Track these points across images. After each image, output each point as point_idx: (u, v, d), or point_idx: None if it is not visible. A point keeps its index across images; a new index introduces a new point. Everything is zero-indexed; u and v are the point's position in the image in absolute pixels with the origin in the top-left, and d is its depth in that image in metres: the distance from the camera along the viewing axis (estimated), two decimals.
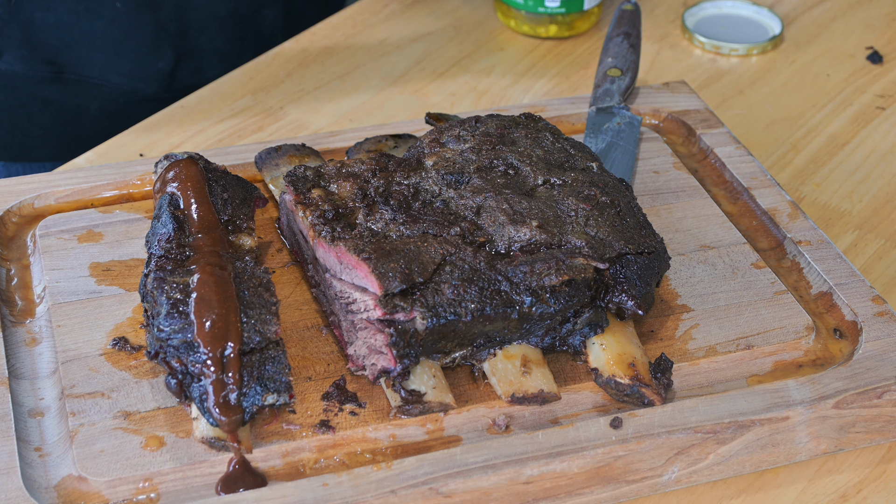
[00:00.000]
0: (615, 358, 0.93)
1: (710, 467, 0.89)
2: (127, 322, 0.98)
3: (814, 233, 1.08)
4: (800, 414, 0.90)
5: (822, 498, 0.90)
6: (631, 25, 1.31)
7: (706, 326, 0.99)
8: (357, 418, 0.91)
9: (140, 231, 1.07)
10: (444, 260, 0.92)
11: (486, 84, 1.38)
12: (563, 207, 0.98)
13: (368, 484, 0.84)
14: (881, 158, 1.26)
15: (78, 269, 1.03)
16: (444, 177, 1.01)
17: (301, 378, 0.94)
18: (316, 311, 1.00)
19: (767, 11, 1.49)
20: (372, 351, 0.91)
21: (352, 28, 1.47)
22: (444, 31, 1.47)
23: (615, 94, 1.24)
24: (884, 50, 1.44)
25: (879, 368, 0.94)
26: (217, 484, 0.86)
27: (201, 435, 0.87)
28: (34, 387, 0.93)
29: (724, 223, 1.10)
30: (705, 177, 1.18)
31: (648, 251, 0.96)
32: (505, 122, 1.07)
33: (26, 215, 1.10)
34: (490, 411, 0.92)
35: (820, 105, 1.35)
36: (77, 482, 0.86)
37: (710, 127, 1.22)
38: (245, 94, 1.34)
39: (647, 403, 0.91)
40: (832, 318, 1.01)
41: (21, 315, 1.00)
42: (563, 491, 0.87)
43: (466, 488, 0.85)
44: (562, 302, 0.92)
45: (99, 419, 0.89)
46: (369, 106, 1.34)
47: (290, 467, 0.87)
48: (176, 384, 0.88)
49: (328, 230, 0.95)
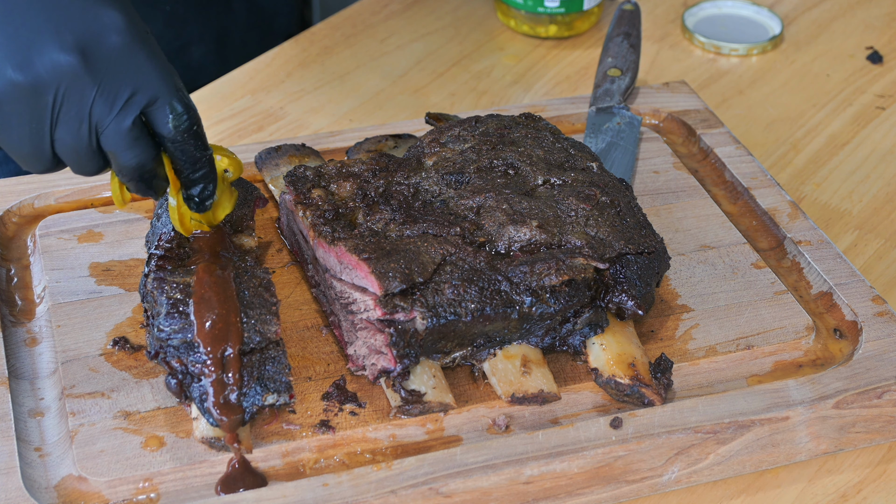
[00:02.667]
0: (615, 358, 0.93)
1: (710, 467, 0.89)
2: (127, 322, 0.98)
3: (814, 233, 1.08)
4: (800, 414, 0.90)
5: (822, 498, 0.90)
6: (631, 25, 1.31)
7: (706, 326, 0.99)
8: (357, 418, 0.91)
9: (140, 231, 1.07)
10: (444, 260, 0.92)
11: (486, 84, 1.38)
12: (563, 207, 0.98)
13: (368, 484, 0.84)
14: (881, 158, 1.26)
15: (78, 269, 1.03)
16: (444, 177, 1.01)
17: (301, 378, 0.94)
18: (316, 311, 1.00)
19: (767, 11, 1.49)
20: (372, 351, 0.91)
21: (352, 28, 1.47)
22: (444, 30, 1.47)
23: (615, 94, 1.24)
24: (884, 50, 1.44)
25: (879, 368, 0.94)
26: (217, 484, 0.86)
27: (201, 435, 0.87)
28: (34, 387, 0.93)
29: (724, 223, 1.10)
30: (705, 177, 1.18)
31: (648, 251, 0.96)
32: (505, 122, 1.07)
33: (26, 215, 1.10)
34: (490, 411, 0.92)
35: (820, 105, 1.35)
36: (77, 482, 0.86)
37: (710, 127, 1.22)
38: (245, 94, 1.34)
39: (647, 403, 0.91)
40: (832, 318, 1.01)
41: (21, 315, 1.00)
42: (563, 491, 0.87)
43: (466, 488, 0.85)
44: (562, 302, 0.92)
45: (99, 419, 0.89)
46: (369, 106, 1.34)
47: (290, 467, 0.87)
48: (176, 384, 0.88)
49: (328, 230, 0.95)
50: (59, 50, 0.82)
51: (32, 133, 0.84)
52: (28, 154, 0.86)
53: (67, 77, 0.82)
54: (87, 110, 0.84)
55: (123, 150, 0.86)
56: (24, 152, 0.86)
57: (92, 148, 0.86)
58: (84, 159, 0.86)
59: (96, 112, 0.84)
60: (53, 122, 0.84)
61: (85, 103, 0.83)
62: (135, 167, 0.87)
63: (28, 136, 0.84)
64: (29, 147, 0.85)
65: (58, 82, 0.82)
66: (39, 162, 0.86)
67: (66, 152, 0.86)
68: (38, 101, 0.83)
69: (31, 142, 0.85)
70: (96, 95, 0.83)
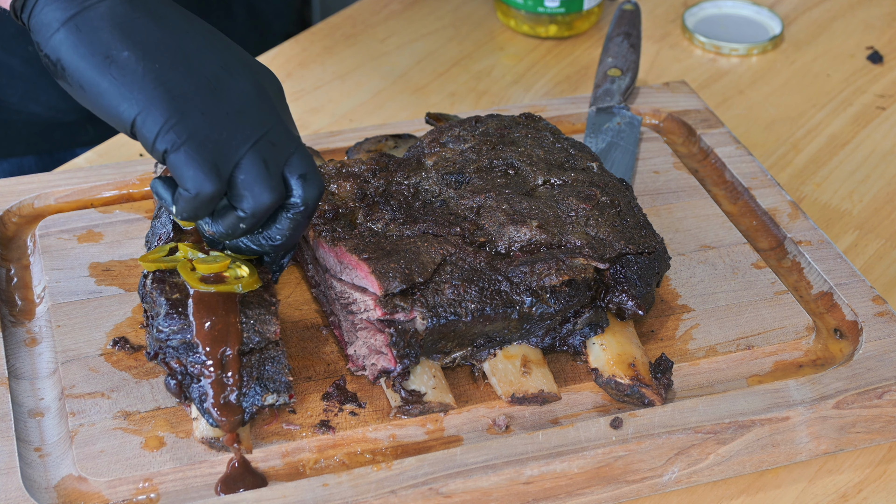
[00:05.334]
0: (615, 358, 0.93)
1: (710, 467, 0.89)
2: (127, 322, 0.98)
3: (814, 233, 1.08)
4: (800, 414, 0.90)
5: (823, 498, 0.90)
6: (631, 25, 1.31)
7: (706, 326, 0.99)
8: (357, 418, 0.91)
9: (140, 231, 1.07)
10: (444, 260, 0.92)
11: (486, 84, 1.38)
12: (563, 207, 0.98)
13: (368, 484, 0.84)
14: (881, 158, 1.26)
15: (78, 269, 1.03)
16: (444, 177, 1.01)
17: (301, 378, 0.94)
18: (316, 311, 1.00)
19: (767, 11, 1.49)
20: (372, 351, 0.91)
21: (352, 28, 1.47)
22: (444, 30, 1.47)
23: (615, 94, 1.24)
24: (884, 50, 1.44)
25: (880, 368, 0.94)
26: (217, 484, 0.86)
27: (201, 435, 0.87)
28: (34, 387, 0.93)
29: (724, 223, 1.10)
30: (705, 177, 1.18)
31: (648, 251, 0.96)
32: (505, 122, 1.07)
33: (26, 215, 1.10)
34: (490, 411, 0.92)
35: (820, 105, 1.35)
36: (77, 482, 0.86)
37: (711, 127, 1.22)
38: None
39: (648, 403, 0.91)
40: (832, 319, 1.01)
41: (21, 315, 1.00)
42: (564, 491, 0.87)
43: (466, 488, 0.85)
44: (562, 302, 0.92)
45: (99, 419, 0.89)
46: (369, 106, 1.34)
47: (290, 467, 0.87)
48: (175, 385, 0.88)
49: (328, 230, 0.95)
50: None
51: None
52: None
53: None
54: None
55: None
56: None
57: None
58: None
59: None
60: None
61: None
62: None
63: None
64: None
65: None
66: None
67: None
68: None
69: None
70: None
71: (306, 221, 0.89)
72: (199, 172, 0.83)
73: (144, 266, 0.92)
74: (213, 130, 0.84)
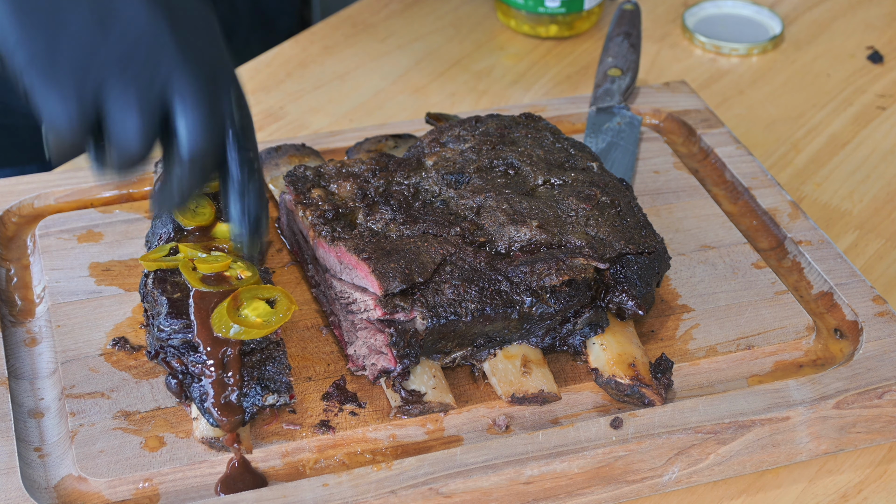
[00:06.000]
0: (615, 358, 0.93)
1: (710, 467, 0.89)
2: (127, 322, 0.98)
3: (814, 233, 1.08)
4: (800, 414, 0.90)
5: (823, 498, 0.90)
6: (631, 25, 1.31)
7: (706, 326, 0.99)
8: (357, 418, 0.91)
9: (140, 231, 1.07)
10: (444, 260, 0.92)
11: (486, 84, 1.38)
12: (563, 207, 0.98)
13: (368, 484, 0.84)
14: (882, 158, 1.26)
15: (78, 269, 1.03)
16: (444, 177, 1.01)
17: (301, 378, 0.94)
18: (316, 311, 1.00)
19: (768, 11, 1.49)
20: (372, 351, 0.91)
21: (352, 28, 1.47)
22: (444, 30, 1.47)
23: (615, 94, 1.24)
24: (884, 50, 1.44)
25: (880, 368, 0.94)
26: (217, 484, 0.86)
27: (201, 435, 0.87)
28: (34, 387, 0.93)
29: (724, 223, 1.10)
30: (706, 177, 1.17)
31: (649, 251, 0.96)
32: (505, 122, 1.07)
33: (26, 215, 1.10)
34: (490, 411, 0.92)
35: (820, 105, 1.35)
36: (77, 482, 0.86)
37: (711, 127, 1.22)
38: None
39: (648, 403, 0.91)
40: (833, 318, 1.01)
41: (21, 315, 1.00)
42: (564, 491, 0.87)
43: (466, 488, 0.85)
44: (562, 302, 0.92)
45: (99, 419, 0.89)
46: (369, 106, 1.33)
47: (290, 467, 0.87)
48: (176, 384, 0.88)
49: (328, 230, 0.95)
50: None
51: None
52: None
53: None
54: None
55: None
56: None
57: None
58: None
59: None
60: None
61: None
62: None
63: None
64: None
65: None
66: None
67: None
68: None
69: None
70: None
71: (187, 175, 0.74)
72: (50, 100, 0.71)
73: (145, 265, 0.92)
74: (68, 46, 0.71)
